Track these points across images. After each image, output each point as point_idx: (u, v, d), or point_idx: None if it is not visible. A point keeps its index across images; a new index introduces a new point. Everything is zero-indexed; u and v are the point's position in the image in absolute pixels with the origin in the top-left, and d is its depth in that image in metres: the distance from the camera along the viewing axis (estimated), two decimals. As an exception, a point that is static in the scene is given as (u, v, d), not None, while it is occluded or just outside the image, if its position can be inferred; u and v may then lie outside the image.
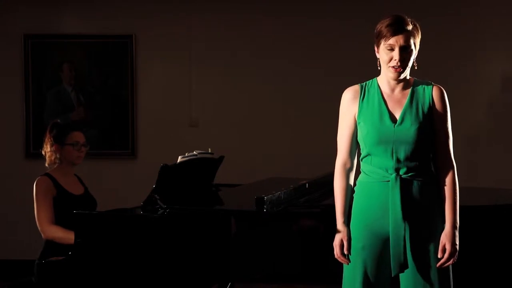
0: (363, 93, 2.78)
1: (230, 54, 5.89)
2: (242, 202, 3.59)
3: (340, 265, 2.84)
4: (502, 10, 5.79)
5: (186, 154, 3.77)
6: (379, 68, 2.79)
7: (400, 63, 2.68)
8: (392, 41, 2.68)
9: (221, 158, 4.03)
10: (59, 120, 4.00)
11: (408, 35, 2.69)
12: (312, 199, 3.61)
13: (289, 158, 5.78)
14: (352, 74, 5.81)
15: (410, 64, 2.72)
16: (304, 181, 3.68)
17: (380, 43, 2.71)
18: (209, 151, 3.92)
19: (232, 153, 4.78)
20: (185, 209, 3.30)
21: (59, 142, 3.84)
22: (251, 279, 3.55)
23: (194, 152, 3.80)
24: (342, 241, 2.76)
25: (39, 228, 3.73)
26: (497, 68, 5.80)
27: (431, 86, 2.76)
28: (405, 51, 2.68)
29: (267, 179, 4.47)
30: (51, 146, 3.86)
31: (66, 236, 3.61)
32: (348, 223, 2.78)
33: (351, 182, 2.82)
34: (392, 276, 2.72)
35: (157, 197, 3.35)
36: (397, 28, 2.68)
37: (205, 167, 3.95)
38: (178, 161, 3.70)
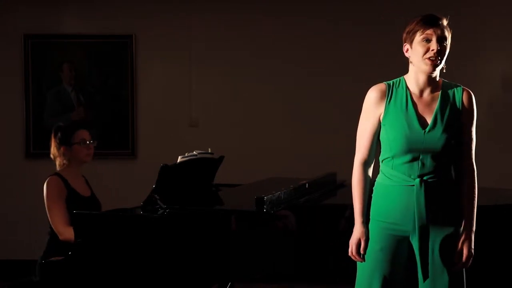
0: (390, 94, 2.70)
1: (230, 54, 5.89)
2: (242, 202, 3.59)
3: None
4: (502, 10, 5.79)
5: (186, 154, 3.76)
6: (412, 65, 2.71)
7: (437, 53, 2.64)
8: (429, 31, 2.66)
9: (221, 158, 4.03)
10: (61, 123, 4.00)
11: (444, 29, 2.70)
12: (312, 199, 3.61)
13: (289, 158, 5.78)
14: (352, 74, 5.84)
15: (444, 61, 2.69)
16: (304, 181, 3.67)
17: (414, 38, 2.67)
18: (209, 151, 3.92)
19: (232, 153, 4.78)
20: (185, 209, 3.30)
21: (66, 143, 3.84)
22: (251, 279, 3.55)
23: (194, 152, 3.80)
24: (359, 240, 2.73)
25: (55, 230, 3.71)
26: (497, 68, 5.80)
27: (461, 89, 2.74)
28: (442, 43, 2.66)
29: (267, 179, 4.47)
30: (59, 149, 3.86)
31: None
32: (367, 222, 2.75)
33: (370, 180, 2.78)
34: (423, 282, 2.68)
35: (157, 197, 3.35)
36: (434, 21, 2.69)
37: (205, 167, 3.95)
38: (178, 161, 3.70)
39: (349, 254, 2.76)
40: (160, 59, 5.93)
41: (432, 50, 2.64)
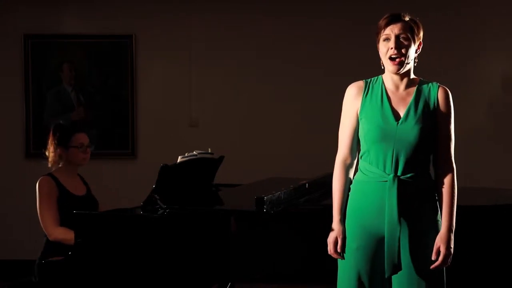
0: (367, 89, 2.76)
1: (230, 54, 5.89)
2: (242, 202, 3.59)
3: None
4: (502, 10, 5.79)
5: (186, 154, 3.76)
6: (382, 68, 2.78)
7: (397, 51, 2.66)
8: (387, 30, 2.69)
9: (221, 158, 4.03)
10: (61, 122, 3.99)
11: (404, 26, 2.69)
12: (312, 199, 3.61)
13: (289, 158, 5.78)
14: (352, 74, 5.78)
15: (410, 57, 2.70)
16: (304, 181, 3.67)
17: (378, 39, 2.73)
18: (209, 151, 3.92)
19: (232, 153, 4.78)
20: (185, 209, 3.30)
21: (63, 145, 3.83)
22: (251, 279, 3.55)
23: (194, 152, 3.80)
24: (336, 238, 2.76)
25: (44, 230, 3.71)
26: (497, 68, 5.80)
27: (437, 86, 2.74)
28: (401, 40, 2.68)
29: (267, 179, 4.47)
30: (55, 149, 3.84)
31: (72, 237, 3.58)
32: (344, 221, 2.77)
33: (349, 178, 2.81)
34: (386, 277, 2.70)
35: (157, 197, 3.35)
36: (393, 18, 2.71)
37: (205, 167, 3.95)
38: (178, 161, 3.70)
39: (329, 253, 2.79)
40: (160, 59, 5.93)
41: (391, 48, 2.68)
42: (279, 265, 3.27)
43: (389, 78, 2.76)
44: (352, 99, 2.78)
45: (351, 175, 2.81)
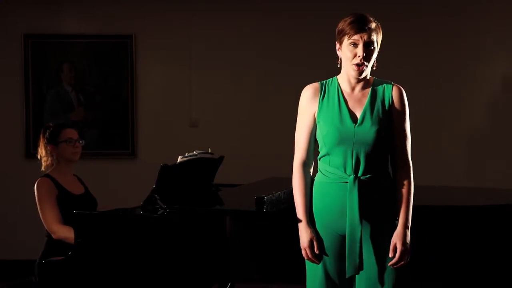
0: (323, 92, 2.79)
1: (230, 54, 5.90)
2: (242, 202, 3.59)
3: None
4: (502, 10, 5.80)
5: (186, 154, 3.76)
6: (338, 67, 2.79)
7: (363, 60, 2.68)
8: (356, 37, 2.70)
9: (221, 158, 4.03)
10: (50, 123, 4.01)
11: (371, 32, 2.71)
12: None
13: (289, 158, 5.76)
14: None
15: (372, 62, 2.72)
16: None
17: (343, 41, 2.73)
18: (209, 151, 3.92)
19: (232, 153, 4.78)
20: (185, 209, 3.30)
21: (53, 142, 3.87)
22: (251, 279, 3.55)
23: (194, 152, 3.80)
24: (311, 241, 2.74)
25: (48, 229, 3.72)
26: (497, 68, 5.80)
27: (391, 85, 2.76)
28: (368, 48, 2.69)
29: (267, 179, 4.47)
30: (46, 148, 3.88)
31: None
32: (312, 222, 2.77)
33: (310, 180, 2.81)
34: (346, 277, 2.71)
35: (157, 197, 3.35)
36: (361, 25, 2.72)
37: (205, 167, 3.95)
38: (178, 161, 3.70)
39: (306, 258, 2.78)
40: (160, 59, 5.94)
41: (359, 56, 2.70)
42: (279, 265, 3.27)
43: (345, 79, 2.78)
44: (309, 102, 2.80)
45: (310, 176, 2.82)
